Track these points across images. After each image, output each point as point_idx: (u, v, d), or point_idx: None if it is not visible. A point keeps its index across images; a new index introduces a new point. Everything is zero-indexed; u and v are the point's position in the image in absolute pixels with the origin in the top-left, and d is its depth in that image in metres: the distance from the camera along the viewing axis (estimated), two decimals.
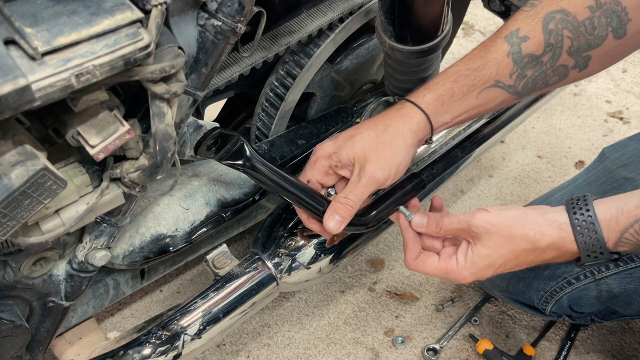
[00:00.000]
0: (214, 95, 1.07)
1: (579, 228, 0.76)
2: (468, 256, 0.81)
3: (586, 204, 0.77)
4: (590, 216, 0.75)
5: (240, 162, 0.84)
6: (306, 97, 1.16)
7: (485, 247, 0.79)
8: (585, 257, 0.77)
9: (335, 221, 0.82)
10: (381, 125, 0.84)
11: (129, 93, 0.68)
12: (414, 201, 0.92)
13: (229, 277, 1.01)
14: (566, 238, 0.77)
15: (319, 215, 0.85)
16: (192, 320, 0.97)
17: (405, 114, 0.84)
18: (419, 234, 0.87)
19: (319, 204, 0.85)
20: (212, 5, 0.66)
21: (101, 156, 0.58)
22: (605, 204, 0.77)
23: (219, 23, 0.66)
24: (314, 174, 0.87)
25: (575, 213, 0.77)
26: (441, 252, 0.85)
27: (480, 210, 0.81)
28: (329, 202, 0.85)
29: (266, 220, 1.09)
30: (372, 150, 0.82)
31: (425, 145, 1.18)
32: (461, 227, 0.81)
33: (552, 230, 0.77)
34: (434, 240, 0.87)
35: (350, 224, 0.86)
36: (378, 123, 0.85)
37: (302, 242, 1.03)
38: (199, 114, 1.10)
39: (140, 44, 0.53)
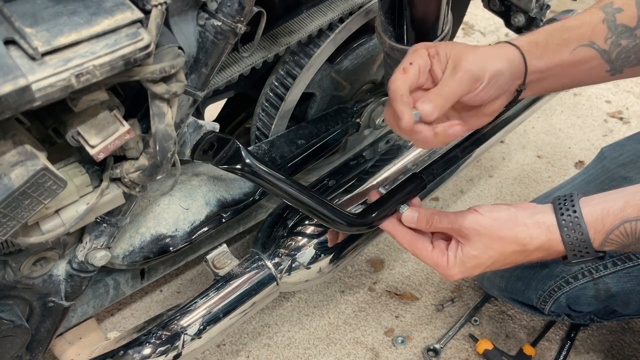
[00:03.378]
0: (214, 95, 1.07)
1: (565, 229, 0.77)
2: (457, 255, 0.82)
3: (573, 204, 0.78)
4: (577, 217, 0.77)
5: (237, 166, 0.84)
6: (306, 97, 1.16)
7: (475, 248, 0.80)
8: (572, 255, 0.78)
9: (426, 107, 0.75)
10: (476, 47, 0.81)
11: (129, 93, 0.68)
12: (415, 201, 0.92)
13: (229, 277, 1.01)
14: (554, 240, 0.78)
15: (319, 217, 0.85)
16: (192, 320, 0.97)
17: (499, 46, 0.81)
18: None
19: (320, 206, 0.85)
20: (212, 5, 0.66)
21: (101, 156, 0.58)
22: (592, 205, 0.77)
23: (219, 23, 0.67)
24: (413, 56, 0.79)
25: (562, 214, 0.78)
26: (434, 243, 0.86)
27: (471, 211, 0.81)
28: (329, 204, 0.85)
29: (266, 220, 1.09)
30: (468, 50, 0.79)
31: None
32: (451, 226, 0.82)
33: (541, 232, 0.78)
34: (425, 235, 0.87)
35: (351, 224, 0.86)
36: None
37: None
38: (199, 114, 1.10)
39: (140, 44, 0.53)
